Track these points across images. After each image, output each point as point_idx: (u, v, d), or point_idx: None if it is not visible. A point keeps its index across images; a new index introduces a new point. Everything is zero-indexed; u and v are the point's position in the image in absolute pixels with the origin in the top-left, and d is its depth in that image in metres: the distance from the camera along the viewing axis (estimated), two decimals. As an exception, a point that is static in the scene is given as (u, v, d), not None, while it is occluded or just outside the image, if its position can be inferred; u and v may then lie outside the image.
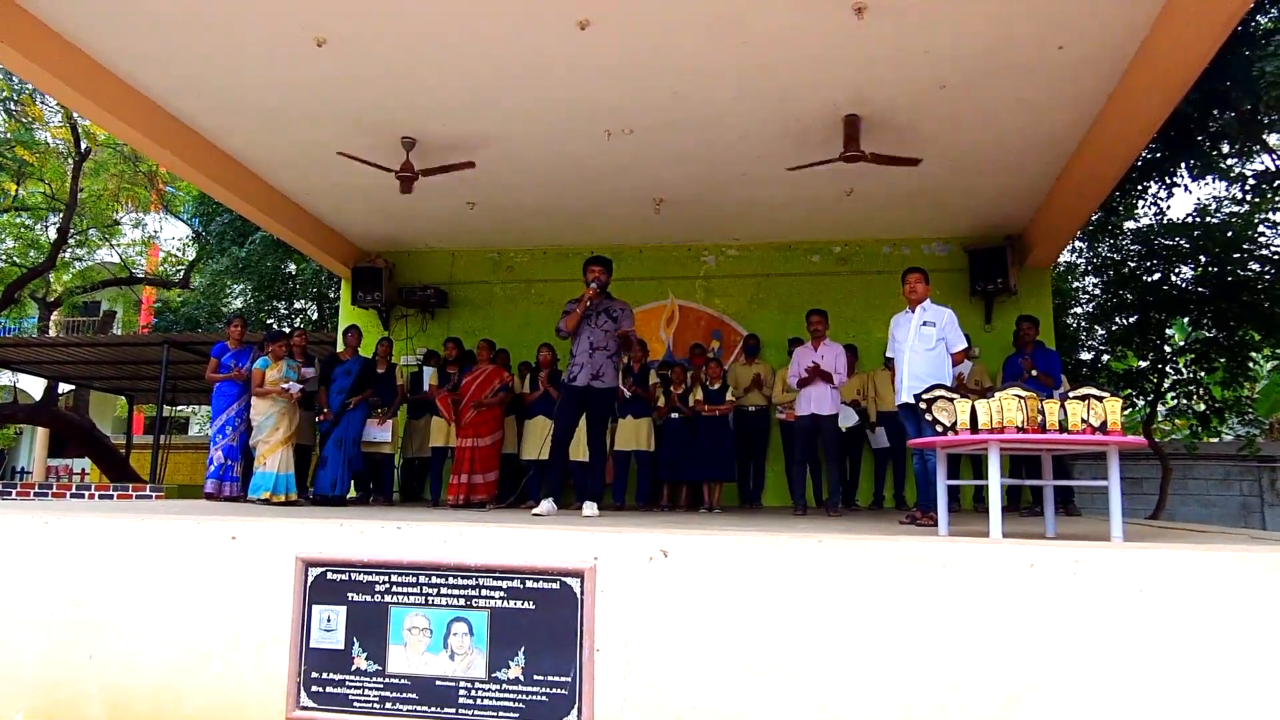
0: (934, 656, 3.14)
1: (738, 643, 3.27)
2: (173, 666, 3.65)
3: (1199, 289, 9.59)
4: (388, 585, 3.59)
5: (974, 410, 3.87)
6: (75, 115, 12.38)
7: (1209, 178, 9.67)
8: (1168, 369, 10.32)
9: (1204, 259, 9.46)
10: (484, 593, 3.51)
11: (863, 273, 9.24)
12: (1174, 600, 3.04)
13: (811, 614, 3.25)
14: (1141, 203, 10.35)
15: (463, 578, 3.53)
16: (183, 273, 16.88)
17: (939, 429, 4.06)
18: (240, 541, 3.73)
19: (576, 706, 3.33)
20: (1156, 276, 9.88)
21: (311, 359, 8.13)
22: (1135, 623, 3.04)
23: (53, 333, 16.73)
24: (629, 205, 8.38)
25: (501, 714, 3.40)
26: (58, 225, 14.60)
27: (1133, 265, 10.11)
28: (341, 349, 8.13)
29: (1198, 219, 9.77)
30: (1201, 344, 10.15)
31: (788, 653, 3.23)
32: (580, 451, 6.54)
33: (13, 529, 3.90)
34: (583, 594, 3.41)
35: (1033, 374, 6.79)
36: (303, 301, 14.10)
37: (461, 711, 3.43)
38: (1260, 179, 9.46)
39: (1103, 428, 3.70)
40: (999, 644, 3.11)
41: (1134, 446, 3.92)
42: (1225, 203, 9.91)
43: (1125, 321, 10.51)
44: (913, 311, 5.37)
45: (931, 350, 5.16)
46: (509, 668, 3.42)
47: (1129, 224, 10.75)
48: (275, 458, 6.78)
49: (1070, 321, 11.36)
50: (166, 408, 12.71)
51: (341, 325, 9.60)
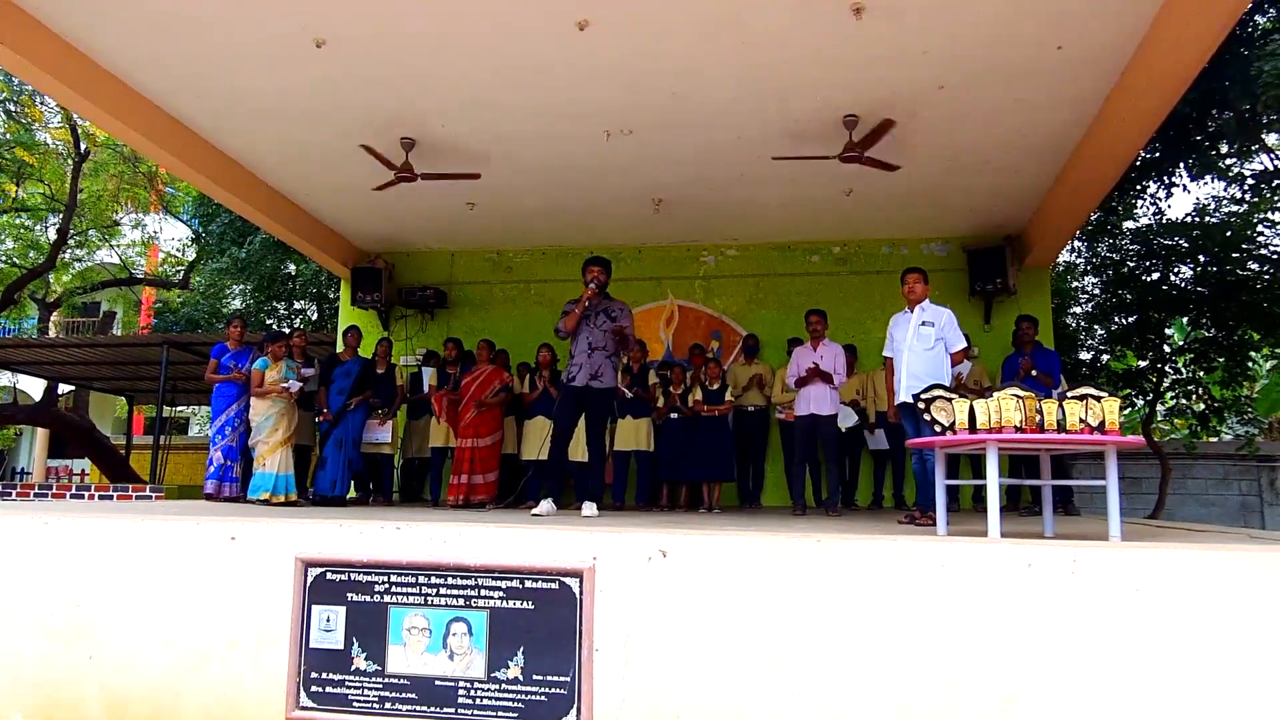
0: (932, 656, 3.15)
1: (736, 642, 3.28)
2: (172, 667, 3.66)
3: (1198, 288, 9.60)
4: (387, 585, 3.60)
5: (972, 410, 3.88)
6: (75, 116, 12.39)
7: (1208, 177, 9.68)
8: (1167, 369, 10.33)
9: (1203, 258, 9.46)
10: (483, 593, 3.51)
11: (862, 273, 9.25)
12: (1171, 600, 3.05)
13: (810, 614, 3.26)
14: (1140, 202, 10.36)
15: (462, 578, 3.54)
16: (182, 273, 16.88)
17: (937, 429, 4.06)
18: (240, 542, 3.73)
19: (575, 706, 3.34)
20: (1155, 276, 9.89)
21: (311, 359, 8.14)
22: (1132, 622, 3.05)
23: (52, 333, 16.74)
24: (628, 205, 8.39)
25: (501, 714, 3.40)
26: (57, 226, 14.60)
27: (1132, 265, 10.12)
28: (341, 349, 8.13)
29: (1197, 219, 9.78)
30: (1201, 343, 10.16)
31: (786, 652, 3.24)
32: (580, 452, 6.56)
33: (13, 530, 3.91)
34: (582, 594, 3.42)
35: (1032, 374, 6.80)
36: (302, 302, 14.11)
37: (461, 711, 3.44)
38: (1259, 179, 9.47)
39: (1100, 427, 3.71)
40: (997, 643, 3.12)
41: (1132, 446, 3.93)
42: (1224, 202, 9.92)
43: (1124, 321, 10.52)
44: (912, 311, 5.38)
45: (930, 350, 5.17)
46: (508, 667, 3.43)
47: (1128, 224, 10.75)
48: (275, 458, 6.78)
49: (1070, 321, 11.37)
50: (166, 408, 12.71)
51: (341, 326, 9.60)
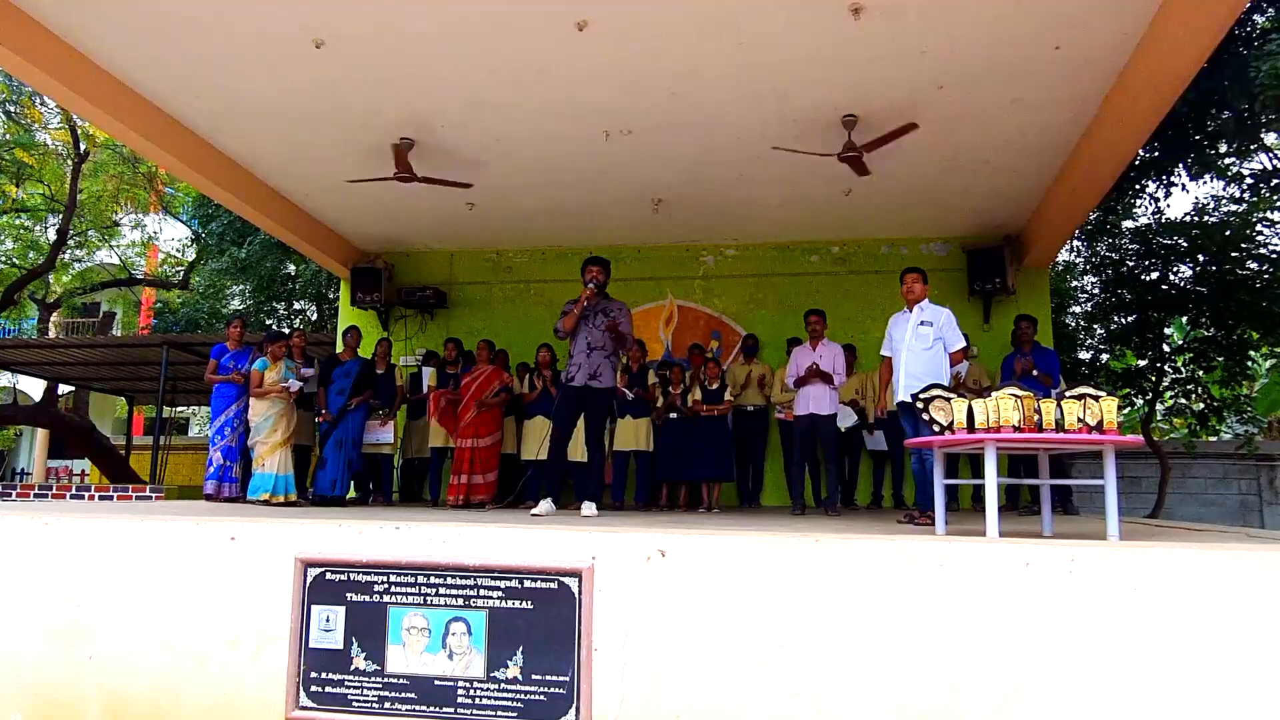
0: (930, 655, 3.15)
1: (735, 642, 3.28)
2: (172, 667, 3.66)
3: (1197, 288, 9.61)
4: (386, 585, 3.60)
5: (970, 410, 3.88)
6: (74, 117, 12.39)
7: (1207, 177, 9.69)
8: (1166, 368, 10.34)
9: (1202, 258, 9.47)
10: (482, 593, 3.51)
11: (861, 272, 9.25)
12: (1169, 599, 3.05)
13: (808, 613, 3.26)
14: (1140, 202, 10.36)
15: (461, 578, 3.54)
16: (182, 274, 16.88)
17: (936, 428, 4.07)
18: (239, 542, 3.73)
19: (574, 706, 3.34)
20: (1155, 276, 9.90)
21: (311, 359, 8.14)
22: (1130, 621, 3.05)
23: (52, 334, 16.74)
24: (627, 206, 8.40)
25: (500, 713, 3.41)
26: (57, 226, 14.61)
27: (1131, 264, 10.13)
28: (341, 350, 8.14)
29: (1196, 218, 9.79)
30: (1200, 343, 10.17)
31: (785, 651, 3.24)
32: (579, 452, 6.56)
33: (13, 530, 3.91)
34: (581, 594, 3.42)
35: (1032, 374, 6.80)
36: (302, 302, 14.11)
37: (460, 711, 3.44)
38: (1258, 178, 9.48)
39: (1099, 427, 3.71)
40: (995, 642, 3.12)
41: (1130, 446, 3.93)
42: (1223, 202, 9.93)
43: (1124, 320, 10.53)
44: (910, 311, 5.39)
45: (929, 349, 5.17)
46: (507, 667, 3.43)
47: (1127, 223, 10.76)
48: (274, 459, 6.78)
49: (1069, 321, 11.38)
50: (166, 409, 12.72)
51: (341, 326, 9.60)
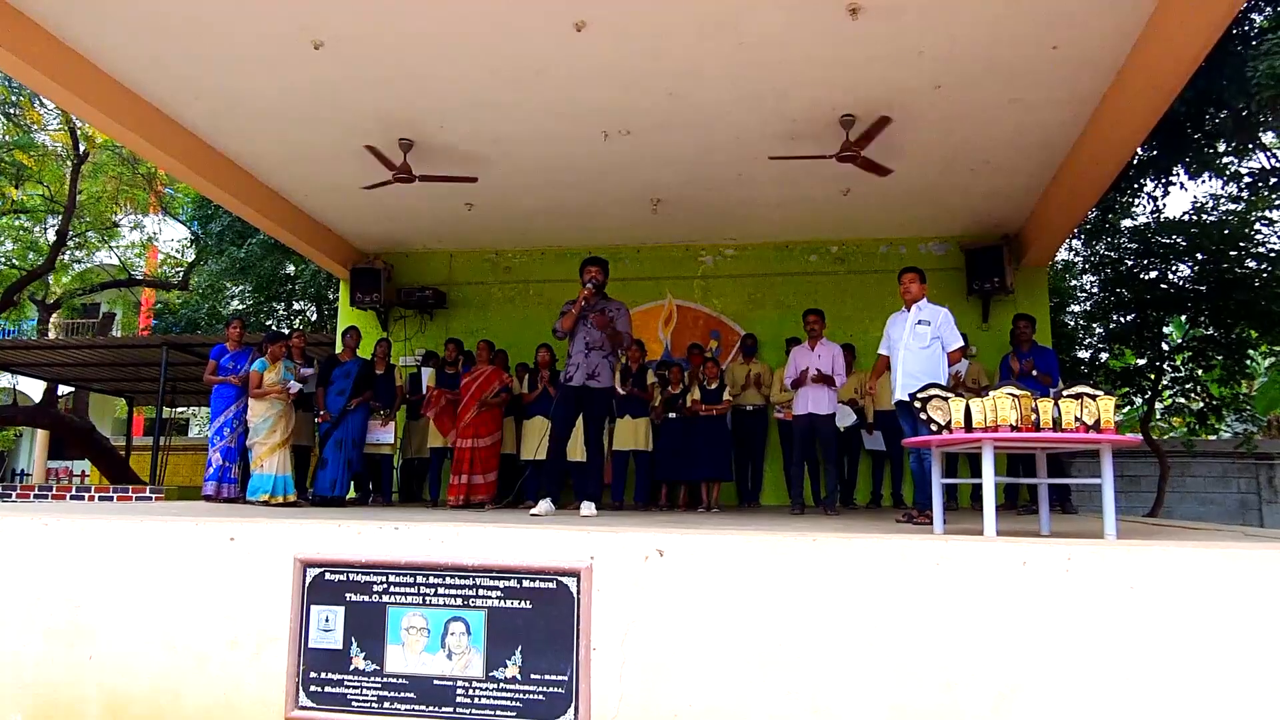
0: (927, 654, 3.16)
1: (733, 641, 3.29)
2: (172, 667, 3.67)
3: (1196, 287, 9.62)
4: (385, 585, 3.61)
5: (968, 409, 3.88)
6: (73, 118, 12.40)
7: (1205, 176, 9.70)
8: (1165, 367, 10.35)
9: (1201, 257, 9.49)
10: (481, 592, 3.52)
11: (860, 272, 9.25)
12: (1165, 597, 3.06)
13: (806, 612, 3.27)
14: (1138, 201, 10.37)
15: (460, 578, 3.55)
16: (182, 274, 16.89)
17: (933, 428, 4.07)
18: (239, 542, 3.74)
19: (573, 705, 3.35)
20: (1154, 274, 9.91)
21: (310, 360, 8.15)
22: (1126, 620, 3.06)
23: (52, 335, 16.76)
24: (626, 206, 8.40)
25: (499, 713, 3.42)
26: (56, 227, 14.62)
27: (1130, 263, 10.14)
28: (340, 350, 8.14)
29: (1194, 217, 9.80)
30: (1199, 341, 10.18)
31: (782, 650, 3.25)
32: (579, 452, 6.57)
33: (13, 531, 3.91)
34: (579, 593, 3.43)
35: (1033, 374, 6.80)
36: (302, 303, 14.12)
37: (459, 710, 3.45)
38: (1256, 177, 9.49)
39: (1096, 426, 3.72)
40: (992, 641, 3.13)
41: (1127, 445, 3.94)
42: (1222, 200, 9.95)
43: (1123, 319, 10.55)
44: (908, 310, 5.40)
45: (926, 349, 5.18)
46: (506, 667, 3.44)
47: (1126, 222, 10.78)
48: (273, 460, 6.79)
49: (1068, 320, 11.38)
50: (166, 410, 12.73)
51: (340, 326, 9.61)
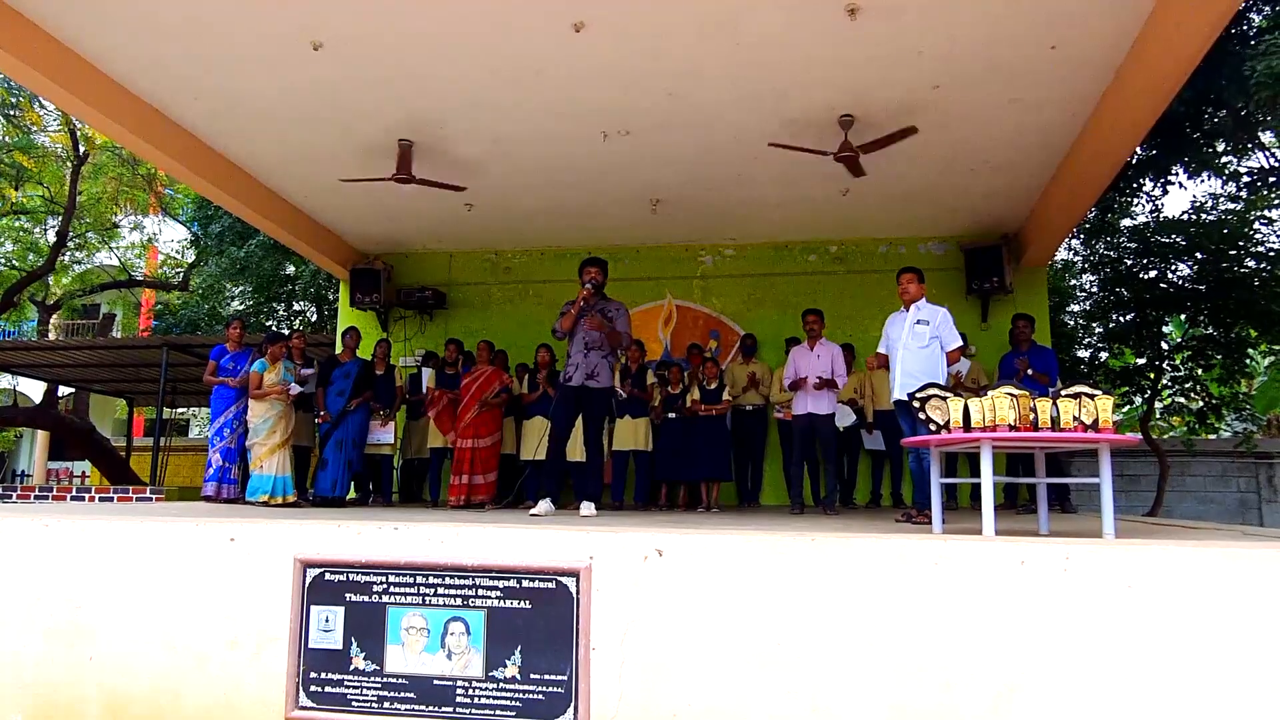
0: (926, 653, 3.17)
1: (732, 640, 3.30)
2: (172, 667, 3.67)
3: (1195, 286, 9.62)
4: (385, 585, 3.61)
5: (967, 409, 3.89)
6: (73, 119, 12.41)
7: (1204, 175, 9.70)
8: (1165, 366, 10.36)
9: (1200, 256, 9.49)
10: (481, 592, 3.53)
11: (859, 272, 9.26)
12: (1163, 596, 3.06)
13: (805, 612, 3.27)
14: (1137, 200, 10.38)
15: (459, 578, 3.56)
16: (182, 275, 16.91)
17: (932, 427, 4.08)
18: (239, 543, 3.75)
19: (573, 704, 3.35)
20: (1153, 274, 9.92)
21: (310, 361, 8.16)
22: (1124, 619, 3.06)
23: (52, 336, 16.79)
24: (626, 206, 8.41)
25: (498, 712, 3.42)
26: (57, 228, 14.64)
27: (1129, 263, 10.14)
28: (340, 351, 8.15)
29: (1194, 216, 9.81)
30: (1198, 341, 10.19)
31: (781, 650, 3.25)
32: (579, 452, 6.57)
33: (13, 532, 3.92)
34: (578, 593, 3.43)
35: (1029, 373, 6.81)
36: (302, 303, 14.13)
37: (459, 710, 3.45)
38: (1255, 176, 9.49)
39: (1094, 425, 3.72)
40: (990, 641, 3.13)
41: (1125, 444, 3.94)
42: (1221, 200, 9.95)
43: (1122, 319, 10.55)
44: (907, 310, 5.40)
45: (925, 348, 5.19)
46: (506, 666, 3.45)
47: (1125, 222, 10.79)
48: (272, 461, 6.79)
49: (1068, 319, 11.39)
50: (166, 410, 12.73)
51: (340, 327, 9.61)
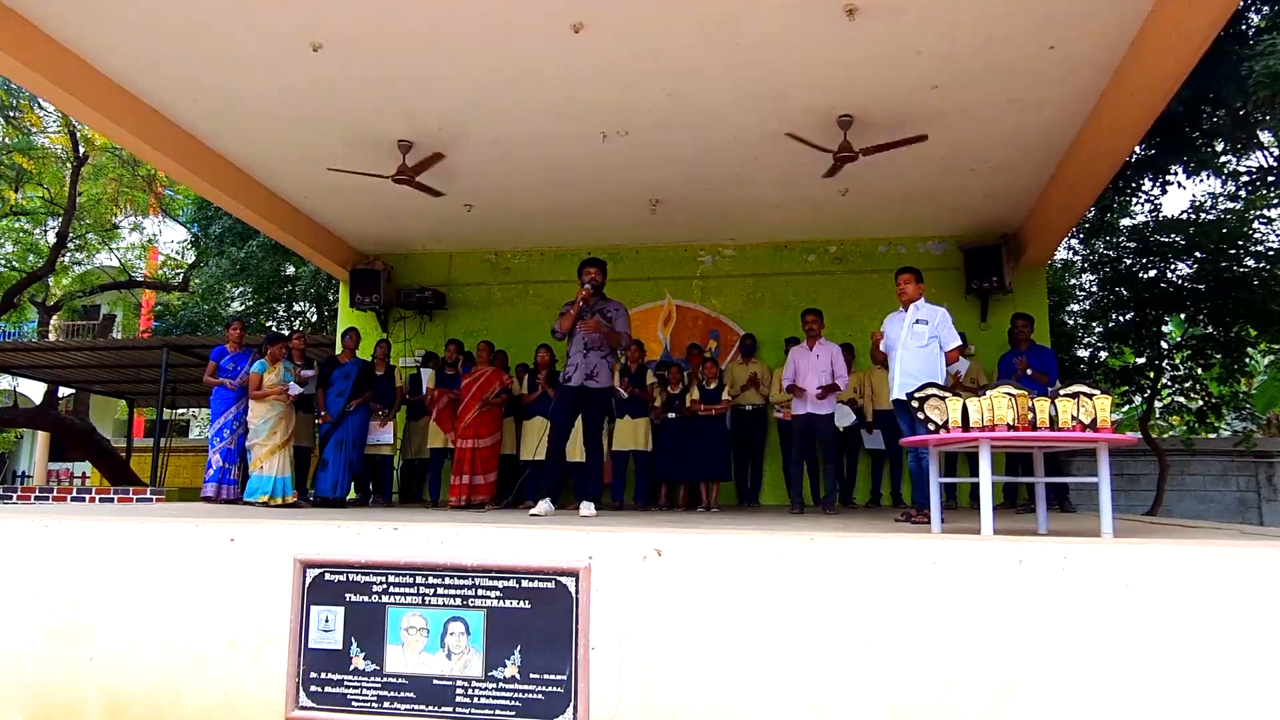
0: (924, 653, 3.17)
1: (731, 640, 3.30)
2: (172, 667, 3.68)
3: (1195, 285, 9.62)
4: (385, 586, 3.62)
5: (965, 408, 3.90)
6: (73, 121, 12.42)
7: (1204, 174, 9.71)
8: (1165, 365, 10.36)
9: (1200, 255, 9.49)
10: (480, 592, 3.53)
11: (858, 272, 9.27)
12: (1161, 595, 3.07)
13: (804, 611, 3.28)
14: (1137, 200, 10.38)
15: (459, 578, 3.56)
16: (182, 276, 16.92)
17: (931, 427, 4.09)
18: (239, 543, 3.75)
19: (572, 704, 3.36)
20: (1152, 273, 9.92)
21: (310, 361, 8.16)
22: (1122, 618, 3.07)
23: (52, 337, 16.80)
24: (625, 206, 8.42)
25: (498, 712, 3.43)
26: (57, 230, 14.65)
27: (1129, 262, 10.14)
28: (340, 352, 8.15)
29: (1193, 216, 9.81)
30: (1198, 340, 10.19)
31: (780, 649, 3.26)
32: (579, 452, 6.58)
33: (13, 532, 3.93)
34: (578, 593, 3.44)
35: (1028, 372, 6.81)
36: (302, 304, 14.13)
37: (459, 710, 3.46)
38: (1254, 175, 9.50)
39: (1093, 425, 3.73)
40: (989, 640, 3.14)
41: (1123, 444, 3.94)
42: (1220, 199, 9.96)
43: (1122, 318, 10.55)
44: (906, 310, 5.41)
45: (924, 348, 5.20)
46: (505, 666, 3.45)
47: (1124, 221, 10.79)
48: (272, 461, 6.80)
49: (1067, 319, 11.39)
50: (166, 411, 12.74)
51: (340, 328, 9.62)
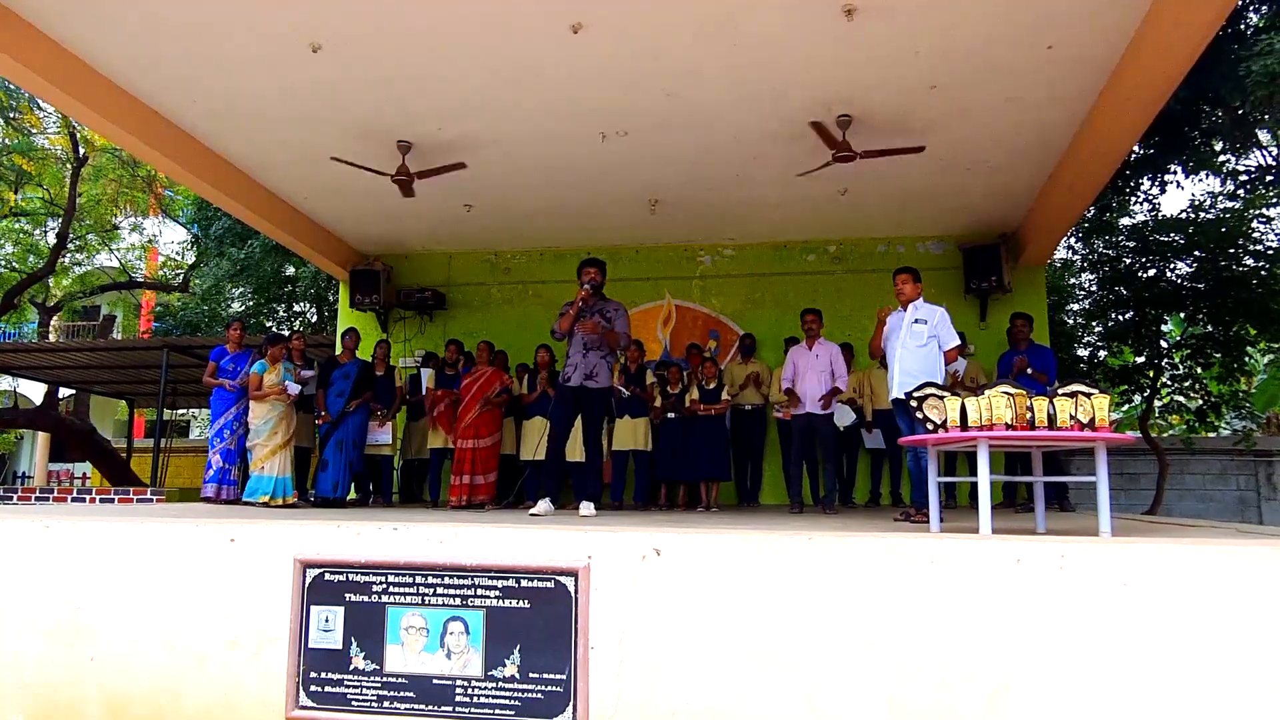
0: (922, 651, 3.18)
1: (730, 639, 3.31)
2: (172, 667, 3.68)
3: (1194, 284, 9.63)
4: (385, 585, 3.62)
5: (964, 408, 3.90)
6: (73, 122, 12.43)
7: (1203, 174, 9.71)
8: (1164, 364, 10.36)
9: (1199, 254, 9.49)
10: (480, 592, 3.54)
11: (858, 271, 9.28)
12: (1158, 594, 3.07)
13: (802, 610, 3.28)
14: (1136, 199, 10.39)
15: (459, 577, 3.57)
16: (182, 276, 16.93)
17: (929, 426, 4.09)
18: (239, 543, 3.76)
19: (571, 704, 3.37)
20: (1152, 272, 9.92)
21: (310, 361, 8.17)
22: (1120, 617, 3.07)
23: (53, 337, 16.81)
24: (625, 206, 8.42)
25: (497, 712, 3.43)
26: (57, 230, 14.66)
27: (1128, 261, 10.15)
28: (340, 352, 8.16)
29: (1192, 215, 9.81)
30: (1197, 339, 10.19)
31: (779, 648, 3.27)
32: (578, 452, 6.58)
33: (14, 533, 3.93)
34: (577, 592, 3.44)
35: (1027, 372, 6.82)
36: (302, 304, 14.14)
37: (458, 710, 3.46)
38: (1253, 175, 9.50)
39: (1091, 424, 3.73)
40: (986, 638, 3.14)
41: (1122, 443, 3.95)
42: (1219, 198, 9.96)
43: (1121, 317, 10.55)
44: (904, 310, 5.42)
45: (923, 347, 5.20)
46: (505, 666, 3.46)
47: (1124, 220, 10.79)
48: (273, 462, 6.80)
49: (1066, 318, 11.40)
50: (167, 411, 12.75)
51: (340, 328, 9.63)
